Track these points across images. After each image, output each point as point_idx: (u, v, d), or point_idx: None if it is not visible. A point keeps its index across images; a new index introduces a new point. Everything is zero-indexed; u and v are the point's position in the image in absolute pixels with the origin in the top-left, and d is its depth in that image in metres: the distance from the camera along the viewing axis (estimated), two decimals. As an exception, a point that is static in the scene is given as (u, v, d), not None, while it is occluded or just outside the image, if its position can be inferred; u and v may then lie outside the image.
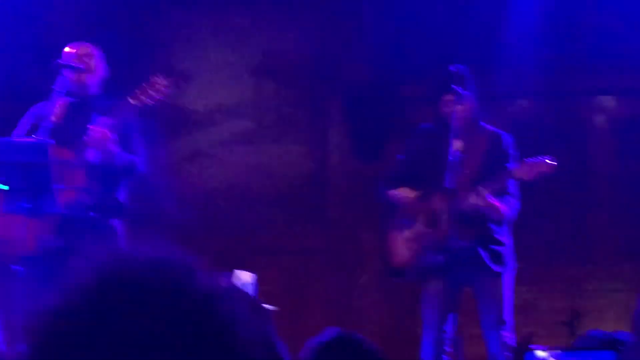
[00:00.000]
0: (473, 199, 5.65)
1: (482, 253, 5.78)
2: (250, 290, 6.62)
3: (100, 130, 5.59)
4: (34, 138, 5.59)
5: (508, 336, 5.79)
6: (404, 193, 5.96)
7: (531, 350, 6.30)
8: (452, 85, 5.79)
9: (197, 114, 8.75)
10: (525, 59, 7.96)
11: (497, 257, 5.83)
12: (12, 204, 5.32)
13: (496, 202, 5.68)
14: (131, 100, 5.63)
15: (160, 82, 5.67)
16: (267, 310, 5.82)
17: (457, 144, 5.80)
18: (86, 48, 5.97)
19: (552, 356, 4.72)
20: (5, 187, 5.30)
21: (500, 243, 5.84)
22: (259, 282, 6.95)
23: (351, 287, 8.49)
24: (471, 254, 5.76)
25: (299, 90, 8.67)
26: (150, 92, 5.63)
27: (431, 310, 5.83)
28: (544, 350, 4.79)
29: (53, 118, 5.70)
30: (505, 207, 5.74)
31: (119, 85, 6.41)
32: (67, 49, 5.96)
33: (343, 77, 8.51)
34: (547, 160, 5.64)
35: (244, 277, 6.76)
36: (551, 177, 6.27)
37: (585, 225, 8.39)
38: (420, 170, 5.87)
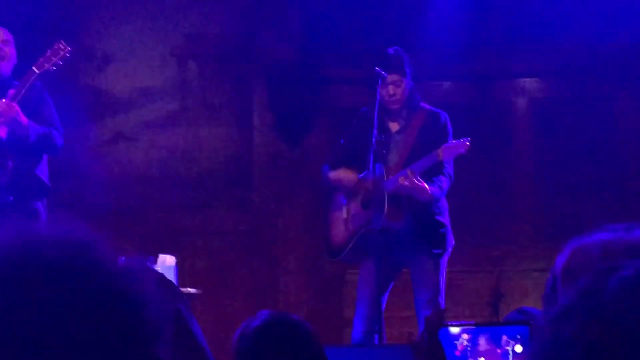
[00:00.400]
0: (401, 180, 5.71)
1: (422, 234, 5.86)
2: (173, 273, 6.63)
3: (5, 103, 5.53)
4: None
5: None
6: (343, 173, 6.02)
7: (445, 326, 6.39)
8: (389, 67, 5.88)
9: (119, 96, 8.66)
10: (447, 40, 7.98)
11: (437, 239, 5.92)
12: None
13: (422, 184, 5.71)
14: (35, 69, 5.66)
15: (63, 47, 5.79)
16: (180, 290, 5.79)
17: (393, 126, 5.97)
18: (5, 34, 5.91)
19: (464, 332, 4.82)
20: None
21: (440, 224, 5.92)
22: (183, 265, 6.97)
23: (276, 270, 8.49)
24: (410, 235, 5.83)
25: (223, 72, 8.61)
26: (53, 58, 5.72)
27: (366, 289, 5.88)
28: (457, 325, 4.90)
29: None
30: (433, 189, 5.77)
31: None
32: None
33: (267, 58, 8.46)
34: (466, 142, 5.78)
35: (168, 261, 6.76)
36: (474, 158, 6.37)
37: (508, 207, 8.46)
38: (359, 154, 5.90)
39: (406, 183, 5.68)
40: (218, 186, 8.55)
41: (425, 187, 5.71)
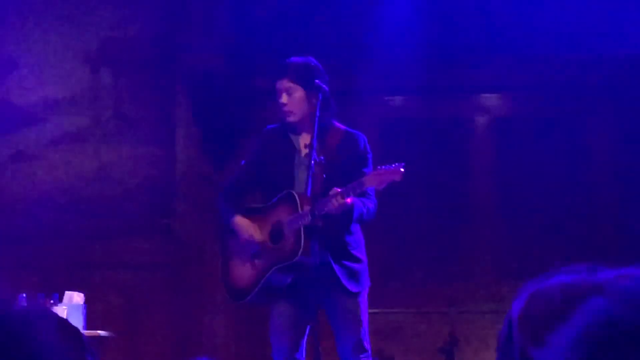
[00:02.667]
0: (333, 202, 5.37)
1: (337, 270, 5.58)
2: (81, 313, 6.62)
3: None
4: None
5: None
6: (249, 228, 5.70)
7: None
8: (291, 75, 5.64)
9: (22, 108, 8.56)
10: (398, 51, 7.96)
11: (354, 275, 5.65)
12: None
13: (347, 203, 5.41)
14: None
15: None
16: (87, 338, 5.48)
17: (301, 144, 5.71)
18: None
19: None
20: None
21: (356, 259, 5.66)
22: (92, 303, 6.84)
23: (199, 308, 8.42)
24: (324, 271, 5.53)
25: (141, 83, 8.53)
26: None
27: (279, 336, 5.64)
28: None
29: None
30: (356, 202, 5.47)
31: None
32: None
33: (192, 66, 8.45)
34: (400, 168, 5.41)
35: (75, 299, 6.73)
36: (427, 183, 6.07)
37: (465, 239, 8.40)
38: (264, 178, 5.71)
39: (335, 203, 5.37)
40: (134, 212, 8.46)
41: (351, 207, 5.42)
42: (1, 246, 8.17)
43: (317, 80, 5.60)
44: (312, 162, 5.42)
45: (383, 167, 5.39)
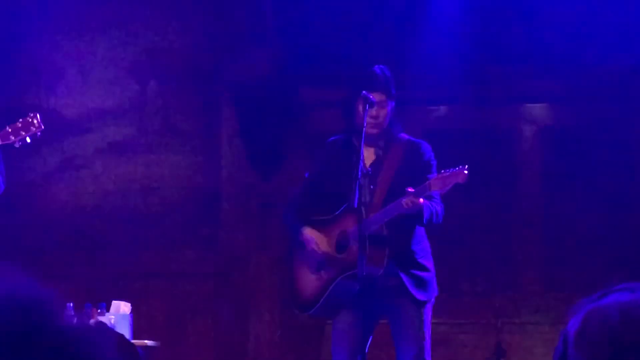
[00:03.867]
0: (406, 204, 5.39)
1: (404, 278, 5.58)
2: (128, 322, 6.68)
3: None
4: None
5: None
6: (318, 240, 5.76)
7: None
8: (374, 86, 5.63)
9: (70, 118, 8.64)
10: (444, 61, 7.93)
11: (421, 284, 5.64)
12: None
13: (420, 200, 5.44)
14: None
15: (37, 124, 5.71)
16: (137, 350, 5.63)
17: (369, 155, 5.73)
18: None
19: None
20: None
21: (424, 268, 5.66)
22: (138, 313, 6.90)
23: (246, 319, 8.41)
24: (390, 280, 5.57)
25: (187, 93, 8.61)
26: (23, 132, 5.63)
27: (341, 348, 5.65)
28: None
29: None
30: (426, 203, 5.47)
31: None
32: None
33: (237, 78, 8.46)
34: (463, 171, 5.44)
35: (122, 308, 6.78)
36: (473, 194, 6.09)
37: (512, 249, 8.39)
38: (330, 190, 5.71)
39: (409, 204, 5.38)
40: (180, 222, 8.52)
41: (422, 205, 5.41)
42: (48, 255, 8.30)
43: (393, 91, 5.66)
44: (359, 172, 5.41)
45: (446, 170, 5.43)
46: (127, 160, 8.58)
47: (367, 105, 5.55)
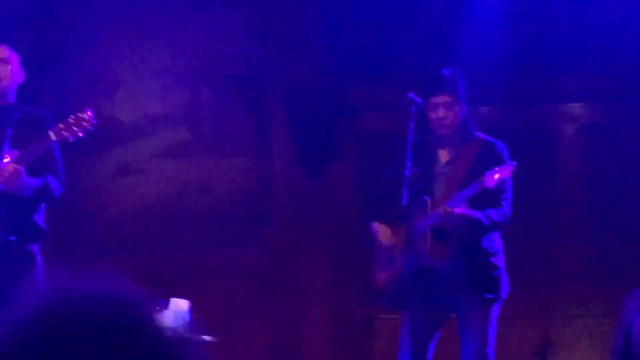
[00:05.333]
0: (441, 212, 5.56)
1: (472, 276, 5.66)
2: (185, 319, 6.66)
3: (13, 168, 5.51)
4: None
5: None
6: (382, 231, 5.89)
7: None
8: (442, 87, 5.76)
9: (127, 124, 8.73)
10: (487, 62, 7.94)
11: (489, 283, 5.71)
12: None
13: (468, 212, 5.57)
14: (52, 136, 5.59)
15: (88, 119, 5.68)
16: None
17: (443, 155, 5.83)
18: (3, 52, 5.84)
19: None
20: None
21: (494, 266, 5.72)
22: (196, 309, 6.88)
23: (298, 316, 8.46)
24: (457, 277, 5.65)
25: (239, 97, 8.65)
26: (75, 128, 5.62)
27: (408, 337, 5.66)
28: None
29: None
30: (477, 213, 5.59)
31: (38, 92, 6.43)
32: None
33: (287, 81, 8.51)
34: (510, 166, 5.64)
35: (181, 305, 6.79)
36: (517, 191, 6.19)
37: (557, 245, 8.37)
38: (406, 187, 5.67)
39: (446, 212, 5.55)
40: (233, 222, 8.55)
41: (468, 213, 5.54)
42: (110, 255, 8.37)
43: (464, 93, 5.81)
44: (407, 172, 5.52)
45: (497, 167, 5.57)
46: (182, 163, 8.63)
47: (413, 107, 5.64)
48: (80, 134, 5.64)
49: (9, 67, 5.81)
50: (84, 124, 5.64)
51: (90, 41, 8.64)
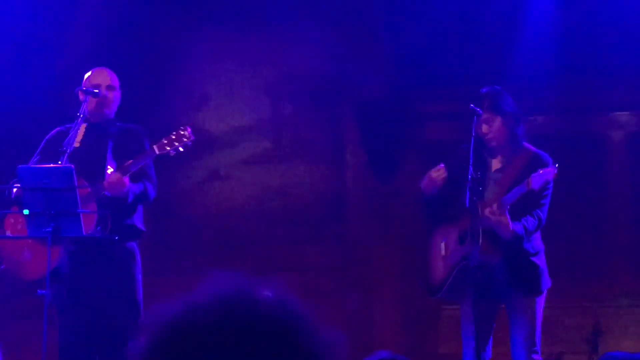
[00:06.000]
0: (487, 213, 5.76)
1: (515, 274, 5.83)
2: None
3: (117, 177, 5.73)
4: (57, 164, 5.74)
5: (537, 359, 5.86)
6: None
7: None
8: (482, 105, 5.90)
9: (216, 135, 8.86)
10: (540, 74, 8.02)
11: (531, 281, 5.88)
12: (35, 228, 5.54)
13: (506, 219, 5.75)
14: (156, 150, 5.84)
15: (188, 135, 5.91)
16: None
17: (494, 163, 6.01)
18: (106, 75, 6.11)
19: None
20: (26, 212, 5.50)
21: (534, 265, 5.88)
22: None
23: (371, 305, 8.54)
24: (504, 273, 5.82)
25: (315, 110, 8.77)
26: (176, 143, 5.86)
27: (469, 326, 5.83)
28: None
29: (76, 144, 5.90)
30: (516, 226, 5.79)
31: (136, 109, 6.61)
32: (87, 75, 6.14)
33: (360, 95, 8.56)
34: (552, 169, 5.81)
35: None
36: (569, 192, 6.44)
37: (607, 241, 8.43)
38: (461, 191, 5.83)
39: (491, 216, 5.72)
40: (311, 222, 8.67)
41: (508, 223, 5.71)
42: (200, 253, 8.54)
43: (506, 108, 5.91)
44: (470, 177, 5.70)
45: (541, 170, 5.75)
46: (264, 169, 8.78)
47: (475, 118, 5.86)
48: (181, 149, 5.87)
49: (115, 92, 6.07)
50: (184, 140, 5.87)
51: (183, 61, 8.81)
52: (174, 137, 5.91)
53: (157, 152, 5.85)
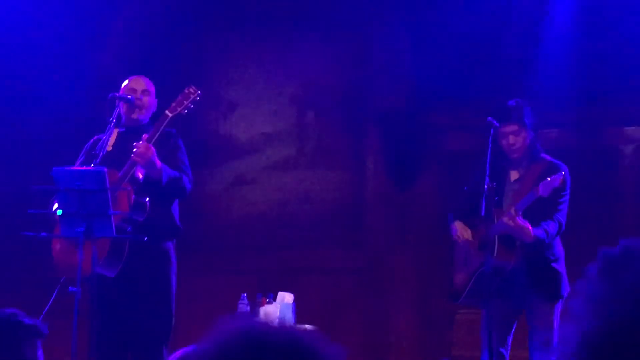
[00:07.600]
0: (505, 220, 5.85)
1: (535, 279, 5.92)
2: (291, 310, 6.91)
3: (143, 145, 5.73)
4: (90, 167, 5.82)
5: None
6: (455, 226, 6.20)
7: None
8: (510, 118, 6.03)
9: (242, 141, 8.94)
10: (556, 89, 8.06)
11: (551, 286, 5.95)
12: (68, 229, 5.51)
13: (525, 224, 5.83)
14: (168, 113, 5.90)
15: (193, 91, 5.98)
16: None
17: (514, 174, 6.12)
18: (141, 81, 6.18)
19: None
20: (59, 212, 5.49)
21: (555, 271, 5.97)
22: (300, 302, 7.07)
23: (387, 308, 8.54)
24: (523, 278, 5.91)
25: (338, 119, 8.80)
26: (185, 102, 5.94)
27: (486, 331, 5.89)
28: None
29: (108, 148, 5.99)
30: (537, 231, 5.83)
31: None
32: (124, 83, 6.21)
33: (380, 105, 8.58)
34: (559, 177, 5.89)
35: (287, 298, 6.95)
36: (582, 204, 6.48)
37: None
38: (482, 200, 5.91)
39: (510, 223, 5.79)
40: (332, 226, 8.71)
41: (528, 228, 5.78)
42: (227, 254, 8.65)
43: (530, 121, 6.05)
44: (486, 186, 5.83)
45: (550, 176, 5.86)
46: (288, 175, 8.85)
47: (492, 130, 6.01)
48: (191, 106, 5.92)
49: (149, 97, 6.15)
50: (192, 96, 5.93)
51: (213, 71, 8.91)
52: (180, 97, 5.99)
53: (170, 114, 5.91)
